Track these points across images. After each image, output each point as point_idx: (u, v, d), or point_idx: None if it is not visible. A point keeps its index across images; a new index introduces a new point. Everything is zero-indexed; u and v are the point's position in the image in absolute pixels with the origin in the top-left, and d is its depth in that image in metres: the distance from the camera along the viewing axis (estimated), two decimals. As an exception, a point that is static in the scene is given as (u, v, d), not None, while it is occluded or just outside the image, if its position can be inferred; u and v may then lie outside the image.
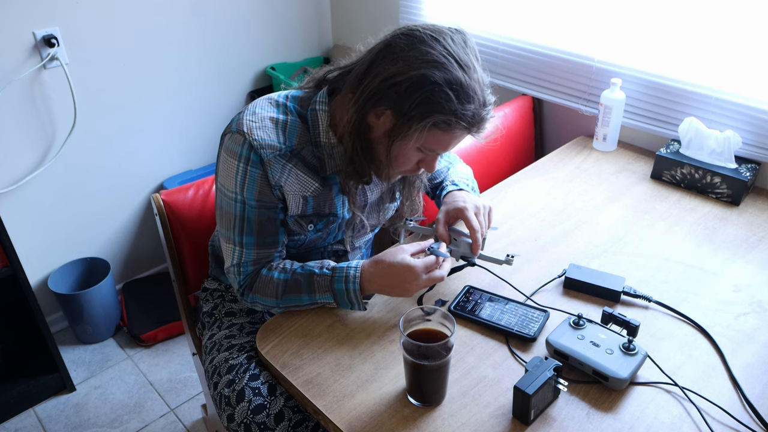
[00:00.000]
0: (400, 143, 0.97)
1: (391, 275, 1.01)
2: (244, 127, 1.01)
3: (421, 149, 0.99)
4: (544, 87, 1.75)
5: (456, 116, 0.92)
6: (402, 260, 1.00)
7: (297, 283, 1.04)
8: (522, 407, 0.85)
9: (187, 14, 2.01)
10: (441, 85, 0.91)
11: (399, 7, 2.02)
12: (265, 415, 1.00)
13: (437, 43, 0.92)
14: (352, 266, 1.03)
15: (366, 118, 0.99)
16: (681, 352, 0.98)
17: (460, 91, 0.91)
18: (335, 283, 1.02)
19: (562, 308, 1.07)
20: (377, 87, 0.95)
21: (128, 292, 2.20)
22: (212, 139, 2.26)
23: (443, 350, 0.85)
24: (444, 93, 0.91)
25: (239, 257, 1.07)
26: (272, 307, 1.07)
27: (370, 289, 1.03)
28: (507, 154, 1.74)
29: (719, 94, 1.42)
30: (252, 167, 1.01)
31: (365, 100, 0.96)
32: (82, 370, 1.98)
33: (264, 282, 1.06)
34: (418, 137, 0.95)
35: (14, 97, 1.76)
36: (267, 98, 1.07)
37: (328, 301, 1.04)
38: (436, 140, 0.97)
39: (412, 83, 0.91)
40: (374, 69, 0.96)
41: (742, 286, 1.12)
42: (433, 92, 0.91)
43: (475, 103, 0.94)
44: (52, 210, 1.96)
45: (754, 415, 0.87)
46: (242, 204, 1.03)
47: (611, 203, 1.37)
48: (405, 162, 1.02)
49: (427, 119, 0.92)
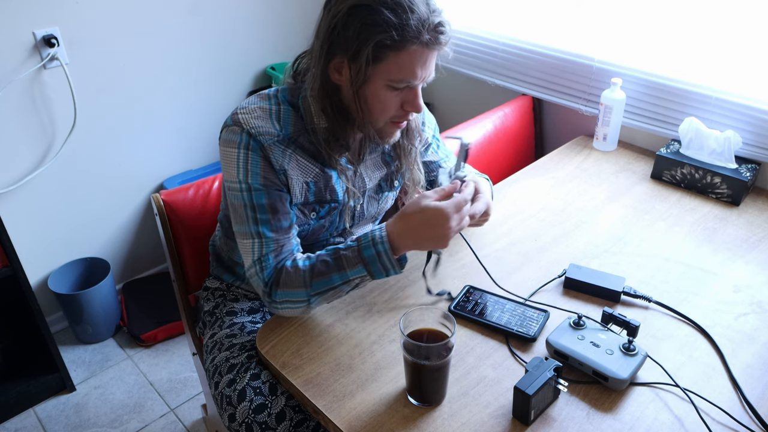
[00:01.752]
0: (367, 86, 0.97)
1: (421, 224, 0.94)
2: (240, 119, 1.01)
3: (391, 86, 0.97)
4: (544, 87, 1.75)
5: (397, 29, 0.90)
6: (428, 205, 0.94)
7: (324, 264, 0.98)
8: (522, 407, 0.85)
9: (187, 14, 2.01)
10: (371, 6, 0.91)
11: (399, 7, 2.02)
12: (267, 415, 1.00)
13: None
14: (375, 229, 0.98)
15: (330, 80, 0.99)
16: (681, 352, 0.98)
17: (393, 5, 0.90)
18: (364, 251, 0.96)
19: (562, 308, 1.07)
20: (323, 40, 0.95)
21: (128, 292, 2.20)
22: (212, 139, 2.26)
23: (443, 350, 0.85)
24: (376, 11, 0.90)
25: (258, 249, 1.01)
26: (303, 300, 0.99)
27: (402, 246, 0.96)
28: (507, 154, 1.74)
29: (719, 94, 1.42)
30: (252, 152, 1.00)
31: (318, 58, 0.97)
32: (82, 370, 1.98)
33: (289, 274, 1.00)
34: (378, 71, 0.94)
35: (14, 97, 1.76)
36: (257, 94, 1.08)
37: (361, 275, 0.97)
38: (397, 67, 0.94)
39: (347, 17, 0.92)
40: (320, 28, 0.97)
41: (742, 286, 1.12)
42: (367, 15, 0.91)
43: (416, 12, 0.91)
44: (52, 210, 1.96)
45: (753, 415, 0.87)
46: (248, 192, 1.01)
47: (611, 203, 1.37)
48: (385, 107, 1.00)
49: (369, 42, 0.91)
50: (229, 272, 1.26)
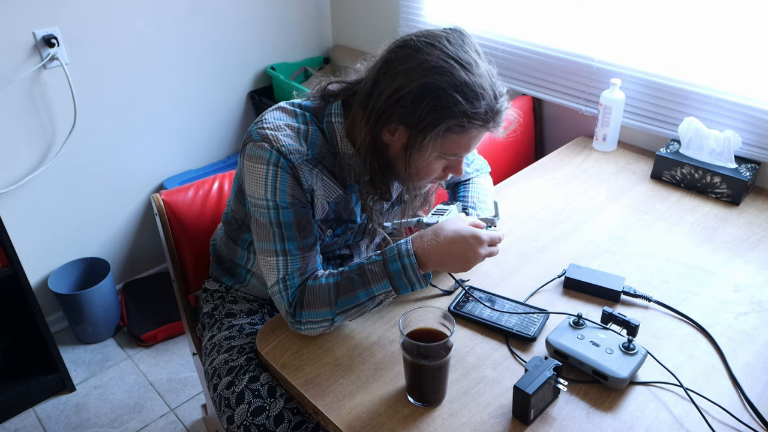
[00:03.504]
0: (418, 155, 0.96)
1: (453, 242, 0.95)
2: (269, 135, 0.99)
3: (442, 156, 0.98)
4: (544, 87, 1.75)
5: (468, 117, 0.91)
6: (465, 228, 0.96)
7: (349, 281, 0.97)
8: (522, 407, 0.85)
9: (187, 14, 2.01)
10: (445, 89, 0.90)
11: (399, 7, 2.02)
12: (265, 417, 1.00)
13: (433, 49, 0.91)
14: (401, 242, 0.97)
15: (380, 137, 0.98)
16: (681, 351, 0.98)
17: (466, 91, 0.90)
18: (390, 264, 0.95)
19: (561, 308, 1.07)
20: (384, 105, 0.94)
21: (128, 292, 2.20)
22: (212, 139, 2.26)
23: (443, 350, 0.85)
24: (450, 96, 0.90)
25: (284, 268, 0.99)
26: (327, 320, 0.98)
27: (428, 261, 0.96)
28: (507, 154, 1.74)
29: (719, 94, 1.42)
30: (282, 170, 0.98)
31: (375, 120, 0.95)
32: (82, 370, 1.98)
33: (313, 292, 0.98)
34: (434, 145, 0.94)
35: (14, 97, 1.76)
36: (280, 108, 1.05)
37: (386, 290, 0.96)
38: (454, 144, 0.96)
39: (417, 94, 0.91)
40: (378, 87, 0.95)
41: (742, 285, 1.12)
42: (439, 98, 0.90)
43: (485, 99, 0.92)
44: (52, 210, 1.96)
45: (754, 414, 0.87)
46: (276, 210, 0.99)
47: (611, 203, 1.37)
48: (429, 172, 1.01)
49: (440, 126, 0.91)
50: (228, 274, 1.26)
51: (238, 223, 1.16)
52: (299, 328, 1.00)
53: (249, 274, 1.21)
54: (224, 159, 2.32)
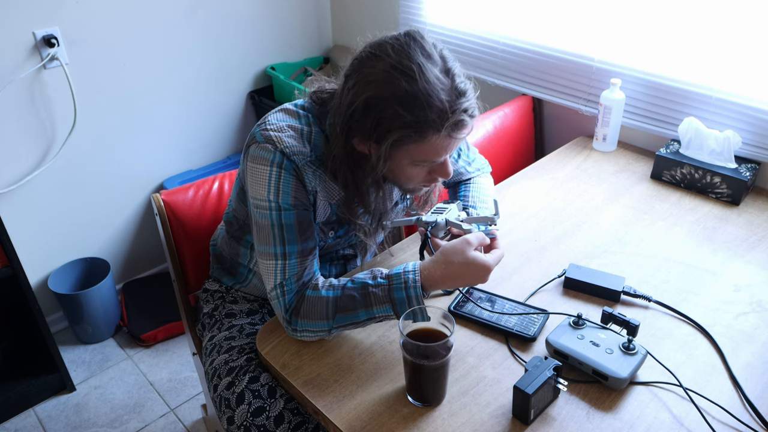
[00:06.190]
0: (392, 164, 0.95)
1: (462, 273, 0.95)
2: (272, 136, 0.98)
3: (415, 163, 0.96)
4: (544, 87, 1.75)
5: (415, 127, 0.88)
6: (476, 257, 0.94)
7: (350, 299, 0.96)
8: (522, 407, 0.85)
9: (187, 14, 2.01)
10: (387, 102, 0.88)
11: (399, 7, 2.02)
12: (265, 418, 1.00)
13: (377, 60, 0.90)
14: (408, 270, 0.95)
15: (355, 149, 0.97)
16: (681, 351, 0.98)
17: (409, 101, 0.87)
18: (394, 292, 0.94)
19: (561, 308, 1.07)
20: (344, 120, 0.94)
21: (128, 292, 2.20)
22: (212, 139, 2.26)
23: (443, 350, 0.85)
24: (392, 110, 0.88)
25: (282, 272, 0.99)
26: (324, 331, 0.98)
27: (434, 287, 0.96)
28: (507, 154, 1.74)
29: (719, 94, 1.42)
30: (285, 172, 0.97)
31: (343, 133, 0.95)
32: (82, 370, 1.98)
33: (312, 303, 0.97)
34: (399, 155, 0.93)
35: (14, 97, 1.76)
36: (283, 110, 1.05)
37: (387, 314, 0.96)
38: (419, 152, 0.93)
39: (363, 109, 0.90)
40: (341, 100, 0.95)
41: (742, 285, 1.12)
42: (383, 112, 0.89)
43: (434, 106, 0.87)
44: (52, 210, 1.96)
45: (754, 414, 0.87)
46: (278, 211, 0.98)
47: (611, 203, 1.37)
48: (411, 177, 0.99)
49: (389, 138, 0.90)
50: (229, 274, 1.26)
51: (240, 223, 1.17)
52: (295, 334, 1.00)
53: (251, 274, 1.21)
54: (224, 159, 2.32)
